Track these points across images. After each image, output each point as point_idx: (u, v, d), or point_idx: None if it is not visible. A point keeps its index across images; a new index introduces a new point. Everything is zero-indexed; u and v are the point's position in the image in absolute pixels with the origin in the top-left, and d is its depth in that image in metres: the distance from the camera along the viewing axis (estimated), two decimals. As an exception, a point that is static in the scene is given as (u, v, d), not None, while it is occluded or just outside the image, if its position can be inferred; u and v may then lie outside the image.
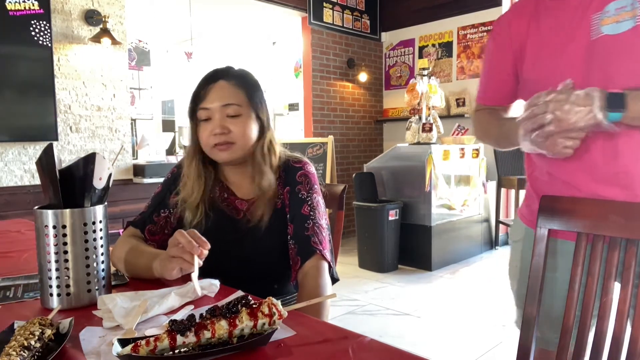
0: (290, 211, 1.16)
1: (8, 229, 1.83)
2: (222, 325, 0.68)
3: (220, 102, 1.12)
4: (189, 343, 0.67)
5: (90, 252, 0.89)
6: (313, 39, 4.95)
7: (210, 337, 0.68)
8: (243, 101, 1.14)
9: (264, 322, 0.70)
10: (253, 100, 1.15)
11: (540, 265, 1.05)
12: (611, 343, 0.94)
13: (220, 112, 1.12)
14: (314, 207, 1.15)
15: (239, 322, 0.69)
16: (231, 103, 1.12)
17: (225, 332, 0.68)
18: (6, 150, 2.97)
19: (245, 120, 1.13)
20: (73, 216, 0.87)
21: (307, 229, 1.12)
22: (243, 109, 1.13)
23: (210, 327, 0.68)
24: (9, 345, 0.66)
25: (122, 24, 3.43)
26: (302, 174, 1.19)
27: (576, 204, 1.03)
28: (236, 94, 1.13)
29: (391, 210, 3.88)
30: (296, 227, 1.13)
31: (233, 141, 1.12)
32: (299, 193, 1.16)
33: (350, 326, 0.78)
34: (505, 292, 3.40)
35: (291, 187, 1.17)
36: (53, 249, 0.86)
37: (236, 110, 1.12)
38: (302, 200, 1.16)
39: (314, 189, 1.18)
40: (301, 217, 1.13)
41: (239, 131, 1.12)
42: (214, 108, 1.12)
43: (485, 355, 2.39)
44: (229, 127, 1.11)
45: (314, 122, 5.02)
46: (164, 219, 1.20)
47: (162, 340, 0.66)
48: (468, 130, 4.85)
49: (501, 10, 4.71)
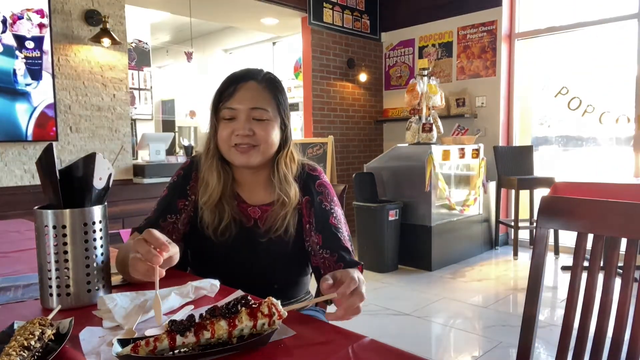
0: (316, 221, 1.15)
1: (8, 229, 1.82)
2: (221, 325, 0.68)
3: (249, 103, 1.09)
4: (189, 343, 0.67)
5: (90, 252, 0.89)
6: (313, 39, 4.95)
7: (210, 338, 0.68)
8: (272, 106, 1.12)
9: (263, 322, 0.70)
10: (281, 107, 1.13)
11: (540, 265, 1.05)
12: (611, 343, 0.94)
13: (247, 113, 1.09)
14: (339, 220, 1.16)
15: (239, 322, 0.69)
16: (260, 107, 1.10)
17: (225, 332, 0.68)
18: (6, 150, 2.97)
19: (271, 126, 1.11)
20: (73, 216, 0.87)
21: (342, 240, 1.13)
22: (270, 114, 1.11)
23: (209, 327, 0.68)
24: (9, 345, 0.66)
25: (122, 24, 3.43)
26: (320, 184, 1.19)
27: (576, 204, 1.03)
28: (266, 98, 1.11)
29: (391, 210, 3.88)
30: (328, 237, 1.13)
31: (256, 144, 1.10)
32: (321, 204, 1.16)
33: (350, 326, 0.78)
34: (505, 292, 3.40)
35: (312, 197, 1.17)
36: (53, 249, 0.86)
37: (263, 115, 1.10)
38: (327, 211, 1.15)
39: (334, 201, 1.19)
40: (331, 228, 1.14)
41: (264, 136, 1.10)
42: (241, 109, 1.09)
43: (485, 355, 2.39)
44: (254, 129, 1.09)
45: (314, 122, 5.02)
46: (170, 225, 1.15)
47: (162, 340, 0.66)
48: (468, 130, 4.85)
49: (501, 10, 4.72)
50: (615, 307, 0.95)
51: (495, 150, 4.54)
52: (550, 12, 4.66)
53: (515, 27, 4.83)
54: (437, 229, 4.00)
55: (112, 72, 3.38)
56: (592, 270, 0.99)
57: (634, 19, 4.13)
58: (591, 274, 1.00)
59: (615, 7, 4.23)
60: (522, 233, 4.60)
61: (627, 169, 4.15)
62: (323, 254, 1.12)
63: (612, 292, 0.96)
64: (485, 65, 4.88)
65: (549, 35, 4.68)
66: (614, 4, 4.25)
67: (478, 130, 4.79)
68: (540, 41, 4.79)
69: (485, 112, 4.91)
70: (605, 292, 0.97)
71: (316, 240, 1.13)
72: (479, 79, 4.93)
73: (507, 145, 4.88)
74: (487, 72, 4.86)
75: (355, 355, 0.69)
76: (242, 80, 1.12)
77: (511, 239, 4.67)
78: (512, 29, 4.84)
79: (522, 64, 4.88)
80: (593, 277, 0.99)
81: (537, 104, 4.94)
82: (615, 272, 0.98)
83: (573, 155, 4.70)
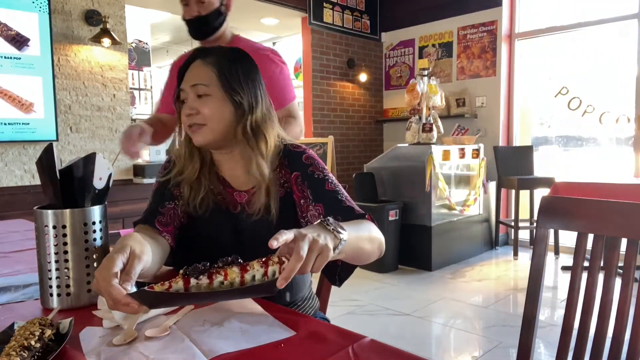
0: (313, 193, 1.09)
1: (8, 229, 1.82)
2: (234, 270, 0.72)
3: (190, 81, 1.07)
4: (202, 285, 0.70)
5: (90, 252, 0.89)
6: (313, 39, 4.95)
7: (223, 280, 0.71)
8: (212, 81, 1.06)
9: (274, 269, 0.72)
10: (224, 79, 1.07)
11: (540, 265, 1.05)
12: (611, 343, 0.94)
13: (192, 92, 1.06)
14: (336, 184, 1.11)
15: (250, 267, 0.72)
16: (198, 83, 1.06)
17: (237, 276, 0.71)
18: (6, 150, 2.97)
19: (212, 101, 1.06)
20: (73, 216, 0.87)
21: (343, 202, 1.07)
22: (212, 89, 1.06)
23: (222, 272, 0.71)
24: (9, 345, 0.66)
25: (122, 24, 3.43)
26: (307, 157, 1.13)
27: (576, 204, 1.03)
28: (207, 72, 1.07)
29: (391, 210, 3.88)
30: (329, 204, 1.07)
31: (203, 122, 1.05)
32: (313, 174, 1.11)
33: (350, 326, 0.78)
34: (505, 292, 3.40)
35: (301, 172, 1.11)
36: (53, 249, 0.86)
37: (204, 90, 1.05)
38: (321, 179, 1.10)
39: (326, 169, 1.14)
40: (330, 194, 1.08)
41: (207, 112, 1.05)
42: (186, 88, 1.07)
43: (485, 355, 2.39)
44: (197, 107, 1.05)
45: (314, 122, 5.02)
46: (171, 210, 1.11)
47: (177, 282, 0.70)
48: (468, 130, 4.85)
49: (501, 10, 4.72)
50: (615, 307, 0.95)
51: (495, 150, 4.54)
52: (550, 12, 4.66)
53: (515, 27, 4.83)
54: (437, 229, 4.00)
55: (112, 72, 3.38)
56: (592, 270, 0.99)
57: (634, 19, 4.13)
58: (591, 274, 1.00)
59: (615, 7, 4.23)
60: (522, 233, 4.60)
61: (627, 169, 4.15)
62: None
63: (612, 292, 0.96)
64: (485, 65, 4.88)
65: (549, 35, 4.68)
66: (614, 4, 4.25)
67: (478, 130, 4.79)
68: (540, 41, 4.79)
69: (485, 112, 4.91)
70: (605, 292, 0.97)
71: (317, 212, 1.08)
72: (479, 79, 4.93)
73: (507, 145, 4.88)
74: (487, 72, 4.86)
75: (355, 355, 0.69)
76: (191, 61, 1.10)
77: (511, 239, 4.67)
78: (512, 29, 4.84)
79: (522, 64, 4.88)
80: (593, 277, 0.99)
81: (537, 104, 4.94)
82: (615, 272, 0.98)
83: (573, 155, 4.70)
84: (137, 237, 0.85)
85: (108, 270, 0.73)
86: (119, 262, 0.75)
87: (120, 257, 0.76)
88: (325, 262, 0.76)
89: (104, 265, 0.74)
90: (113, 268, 0.73)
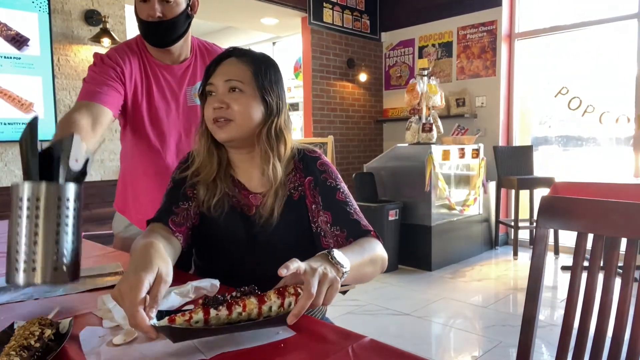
0: (323, 199, 1.11)
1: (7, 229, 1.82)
2: (252, 301, 0.73)
3: (224, 77, 1.08)
4: (221, 316, 0.71)
5: (61, 228, 0.85)
6: (313, 39, 4.95)
7: (241, 312, 0.72)
8: (247, 78, 1.08)
9: (290, 300, 0.74)
10: (259, 79, 1.09)
11: (540, 265, 1.05)
12: (611, 343, 0.94)
13: (223, 87, 1.08)
14: (347, 195, 1.13)
15: (267, 299, 0.74)
16: (234, 79, 1.08)
17: (255, 307, 0.73)
18: (6, 150, 2.97)
19: (245, 98, 1.08)
20: (48, 189, 0.85)
21: (351, 214, 1.09)
22: (246, 86, 1.08)
23: (241, 302, 0.73)
24: (9, 345, 0.66)
25: (122, 24, 3.43)
26: (321, 163, 1.15)
27: (576, 204, 1.03)
28: (242, 70, 1.09)
29: (391, 210, 3.88)
30: (337, 214, 1.09)
31: (231, 118, 1.06)
32: (326, 182, 1.13)
33: (350, 326, 0.78)
34: (505, 292, 3.40)
35: (315, 177, 1.13)
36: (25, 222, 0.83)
37: (237, 86, 1.07)
38: (332, 188, 1.12)
39: (339, 178, 1.15)
40: (339, 204, 1.10)
41: (238, 108, 1.06)
42: (217, 83, 1.08)
43: (485, 355, 2.39)
44: (228, 102, 1.07)
45: (313, 122, 5.02)
46: (184, 211, 1.12)
47: (197, 312, 0.71)
48: (468, 130, 4.85)
49: (501, 10, 4.72)
50: (615, 307, 0.95)
51: (495, 150, 4.54)
52: (550, 12, 4.66)
53: (515, 27, 4.83)
54: (437, 229, 4.00)
55: (112, 72, 3.38)
56: (592, 270, 0.99)
57: (634, 19, 4.13)
58: (591, 274, 1.00)
59: (615, 7, 4.23)
60: (522, 233, 4.60)
61: (627, 169, 4.15)
62: (335, 231, 1.09)
63: (612, 292, 0.96)
64: (485, 65, 4.88)
65: (549, 35, 4.68)
66: (614, 4, 4.25)
67: (478, 130, 4.79)
68: (540, 41, 4.79)
69: (485, 112, 4.91)
70: (605, 292, 0.97)
71: (325, 219, 1.10)
72: (479, 79, 4.93)
73: (507, 145, 4.88)
74: (487, 72, 4.87)
75: (355, 355, 0.69)
76: (224, 57, 1.12)
77: (511, 239, 4.67)
78: (512, 29, 4.84)
79: (522, 64, 4.88)
80: (593, 277, 0.99)
81: (537, 104, 4.94)
82: (615, 272, 0.98)
83: (573, 155, 4.70)
84: (160, 250, 0.84)
85: (136, 293, 0.70)
86: (147, 284, 0.73)
87: (149, 277, 0.74)
88: (335, 294, 0.80)
89: (133, 285, 0.72)
90: (141, 292, 0.71)
